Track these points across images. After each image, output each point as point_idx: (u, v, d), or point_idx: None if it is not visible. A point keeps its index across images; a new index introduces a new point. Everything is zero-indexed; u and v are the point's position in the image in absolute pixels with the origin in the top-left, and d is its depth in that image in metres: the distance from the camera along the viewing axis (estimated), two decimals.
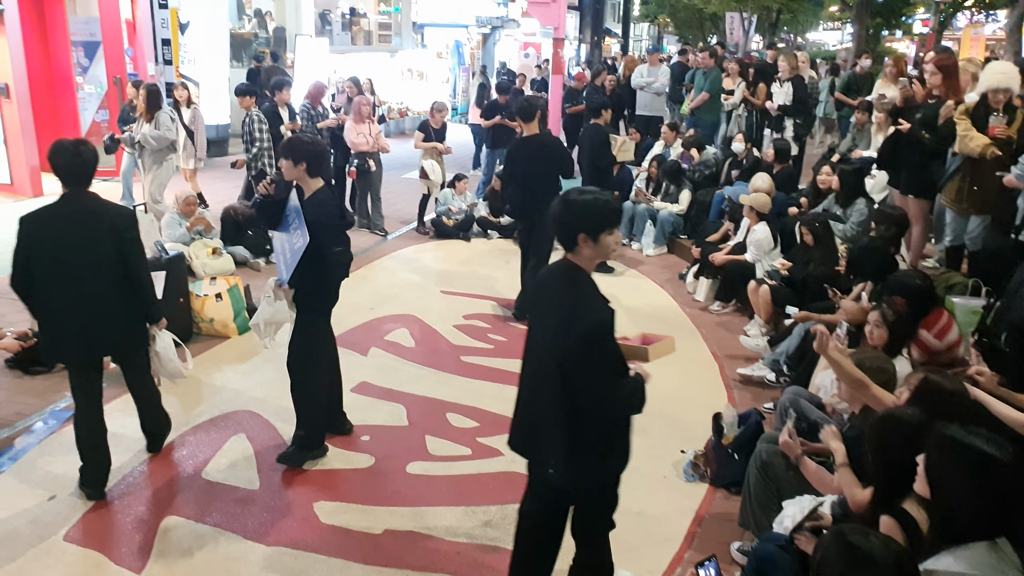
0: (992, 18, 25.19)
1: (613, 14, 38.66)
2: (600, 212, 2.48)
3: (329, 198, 3.88)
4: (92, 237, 3.41)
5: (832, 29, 43.15)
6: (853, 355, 3.40)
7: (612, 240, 2.52)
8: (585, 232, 2.47)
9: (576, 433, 2.53)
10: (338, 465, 3.96)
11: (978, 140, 4.95)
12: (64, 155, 3.43)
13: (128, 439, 4.08)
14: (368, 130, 8.05)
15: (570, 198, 2.54)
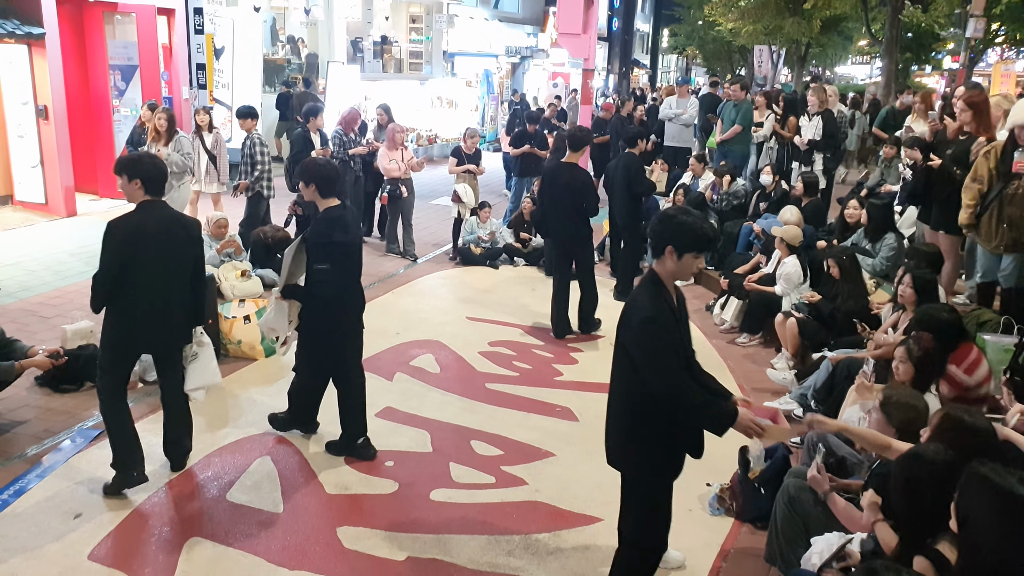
0: (1022, 55, 25.01)
1: (642, 45, 39.00)
2: (693, 233, 2.70)
3: (331, 217, 4.06)
4: (178, 242, 3.73)
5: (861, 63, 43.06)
6: (883, 390, 3.36)
7: (695, 263, 2.74)
8: (673, 246, 2.69)
9: (634, 417, 2.81)
10: (362, 490, 3.96)
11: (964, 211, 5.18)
12: (148, 164, 3.71)
13: (154, 459, 4.11)
14: (400, 156, 8.16)
15: (670, 214, 2.79)
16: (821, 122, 8.44)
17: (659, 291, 2.76)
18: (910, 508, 2.41)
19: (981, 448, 2.50)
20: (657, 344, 2.67)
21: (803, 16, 21.15)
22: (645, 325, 2.67)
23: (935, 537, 2.26)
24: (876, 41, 19.56)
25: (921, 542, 2.30)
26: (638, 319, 2.69)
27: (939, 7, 19.80)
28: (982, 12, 15.14)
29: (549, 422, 4.81)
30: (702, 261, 2.82)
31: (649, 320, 2.67)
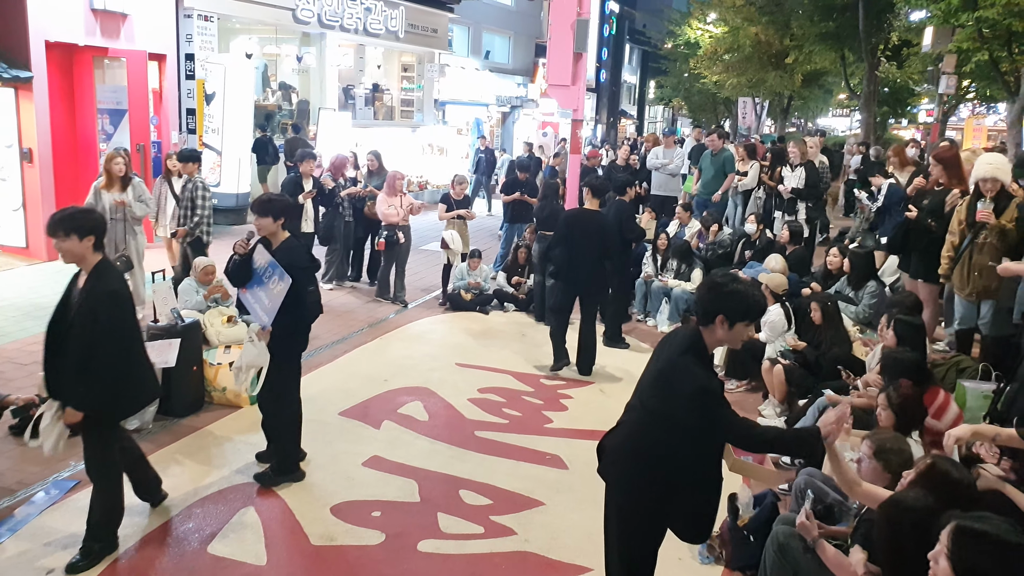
0: (993, 110, 25.76)
1: (629, 96, 39.77)
2: (745, 303, 2.68)
3: (298, 244, 4.48)
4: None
5: (841, 115, 44.11)
6: (870, 435, 3.37)
7: (746, 331, 2.72)
8: (724, 315, 2.66)
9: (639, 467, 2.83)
10: (348, 541, 3.90)
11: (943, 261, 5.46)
12: (96, 217, 3.66)
13: (132, 512, 4.03)
14: (399, 202, 8.23)
15: (720, 282, 2.76)
16: (804, 172, 8.64)
17: (701, 359, 2.72)
18: (894, 556, 2.42)
19: (962, 500, 2.53)
20: (717, 411, 2.64)
21: (785, 70, 21.72)
22: (696, 396, 2.62)
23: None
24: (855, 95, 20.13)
25: None
26: (691, 389, 2.63)
27: (913, 64, 20.45)
28: (953, 70, 15.62)
29: (539, 470, 4.78)
30: (752, 330, 2.79)
31: (701, 391, 2.62)
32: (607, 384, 6.35)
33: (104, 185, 6.95)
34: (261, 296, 4.24)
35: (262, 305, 4.21)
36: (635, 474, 2.88)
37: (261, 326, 4.23)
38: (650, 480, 2.82)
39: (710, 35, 25.59)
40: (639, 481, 2.87)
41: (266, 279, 4.21)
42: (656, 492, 2.82)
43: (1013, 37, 13.29)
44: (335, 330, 7.35)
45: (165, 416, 5.18)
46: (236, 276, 4.37)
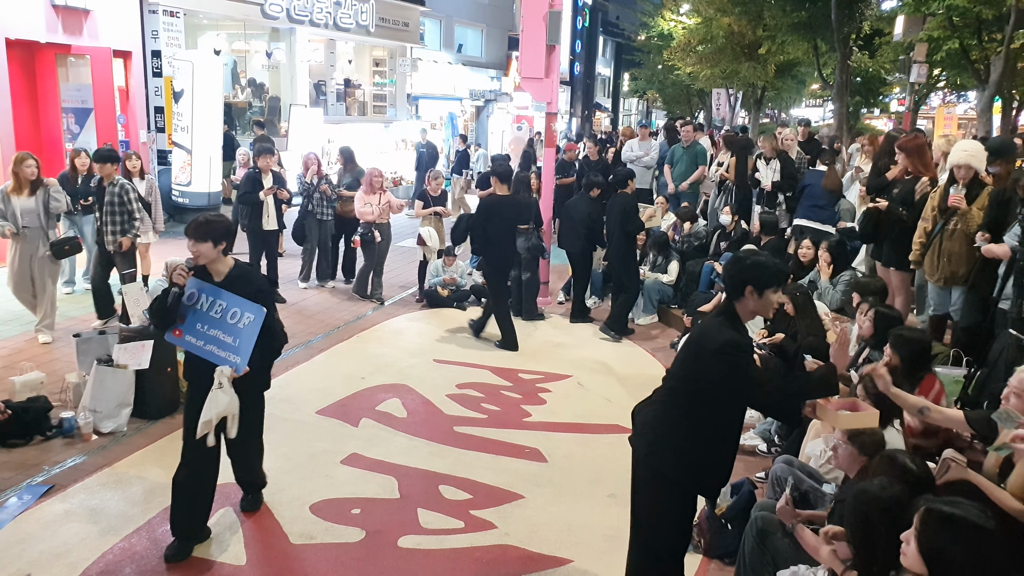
0: (963, 98, 26.15)
1: (603, 89, 39.85)
2: (768, 270, 2.83)
3: (250, 267, 3.93)
4: None
5: (815, 106, 44.52)
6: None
7: (775, 298, 2.86)
8: (753, 285, 2.80)
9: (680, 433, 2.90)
10: (328, 539, 3.88)
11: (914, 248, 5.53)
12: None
13: (109, 514, 4.00)
14: (377, 200, 8.16)
15: (742, 256, 2.96)
16: (779, 164, 8.56)
17: (734, 324, 2.84)
18: (866, 543, 2.46)
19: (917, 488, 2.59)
20: (745, 365, 2.75)
21: (758, 61, 21.88)
22: (724, 348, 2.74)
23: (897, 571, 2.29)
24: (828, 85, 20.33)
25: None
26: (715, 344, 2.76)
27: (885, 54, 20.70)
28: (924, 58, 15.82)
29: (518, 464, 4.79)
30: (781, 295, 2.93)
31: (729, 342, 2.74)
32: (586, 376, 6.37)
33: (12, 189, 6.34)
34: (219, 336, 3.58)
35: (226, 346, 3.57)
36: (660, 440, 2.97)
37: (234, 368, 3.56)
38: (674, 444, 2.91)
39: (683, 26, 25.69)
40: (664, 446, 2.95)
41: (224, 315, 3.58)
42: (681, 456, 2.90)
43: (983, 25, 13.50)
44: (311, 329, 7.30)
45: (140, 419, 5.11)
46: (168, 316, 3.64)
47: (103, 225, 6.69)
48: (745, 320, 2.89)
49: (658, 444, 2.97)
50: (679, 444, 2.91)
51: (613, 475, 4.60)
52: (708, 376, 2.80)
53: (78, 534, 3.82)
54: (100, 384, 4.93)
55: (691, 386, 2.89)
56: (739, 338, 2.78)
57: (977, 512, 2.09)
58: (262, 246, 8.13)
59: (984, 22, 13.43)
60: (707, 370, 2.80)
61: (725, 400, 2.85)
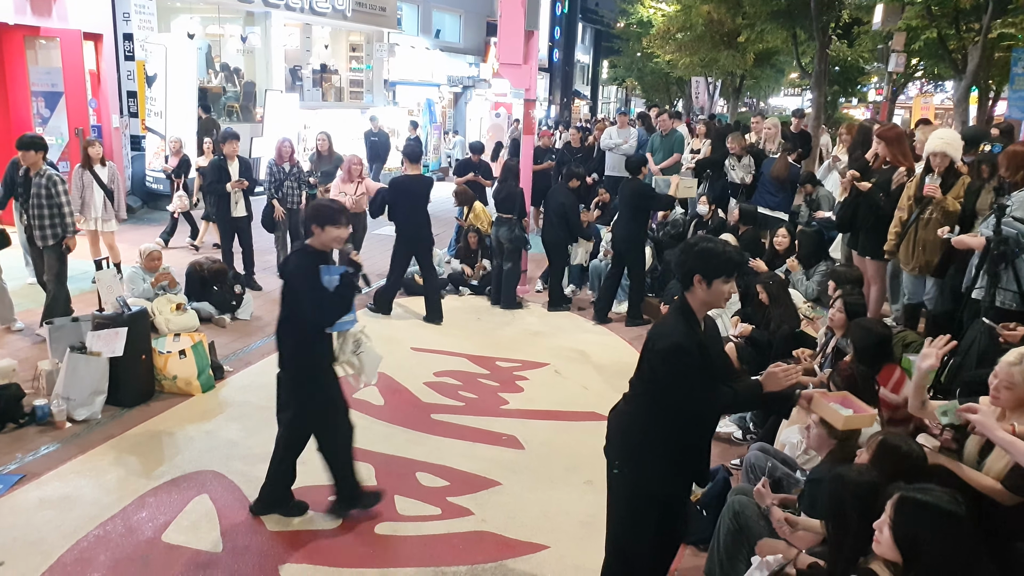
0: (940, 88, 26.43)
1: (582, 77, 39.78)
2: (718, 259, 2.68)
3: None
4: None
5: (793, 95, 44.77)
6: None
7: (726, 288, 2.72)
8: (700, 274, 2.68)
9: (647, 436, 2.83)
10: (305, 526, 3.88)
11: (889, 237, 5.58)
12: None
13: (84, 502, 3.96)
14: (354, 189, 8.05)
15: (691, 243, 2.80)
16: (751, 160, 8.49)
17: (687, 319, 2.77)
18: (838, 528, 2.50)
19: (912, 472, 2.61)
20: (681, 368, 2.66)
21: (737, 49, 21.90)
22: (670, 352, 2.67)
23: (866, 557, 2.33)
24: (806, 74, 20.37)
25: (853, 561, 2.37)
26: (662, 346, 2.70)
27: (863, 43, 20.82)
28: (902, 48, 15.95)
29: (495, 451, 4.80)
30: (733, 286, 2.79)
31: (674, 347, 2.67)
32: (563, 364, 6.40)
33: None
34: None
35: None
36: (625, 445, 2.92)
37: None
38: (638, 448, 2.87)
39: (662, 14, 25.65)
40: (629, 451, 2.90)
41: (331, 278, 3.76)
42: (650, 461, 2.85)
43: (960, 14, 13.60)
44: None
45: (114, 406, 5.06)
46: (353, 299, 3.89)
47: (31, 220, 6.20)
48: (699, 313, 2.79)
49: (628, 451, 2.91)
50: (647, 449, 2.85)
51: (590, 462, 4.63)
52: (656, 377, 2.75)
53: (52, 522, 3.78)
54: (73, 372, 4.87)
55: (647, 387, 2.84)
56: (684, 341, 2.68)
57: (949, 499, 2.12)
58: (233, 233, 8.00)
59: (962, 11, 13.53)
60: (656, 371, 2.75)
61: (678, 401, 2.77)
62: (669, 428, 2.80)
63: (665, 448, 2.83)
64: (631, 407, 2.96)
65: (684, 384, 2.68)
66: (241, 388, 5.57)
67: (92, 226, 7.75)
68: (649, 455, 2.85)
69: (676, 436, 2.82)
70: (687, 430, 2.84)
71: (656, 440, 2.83)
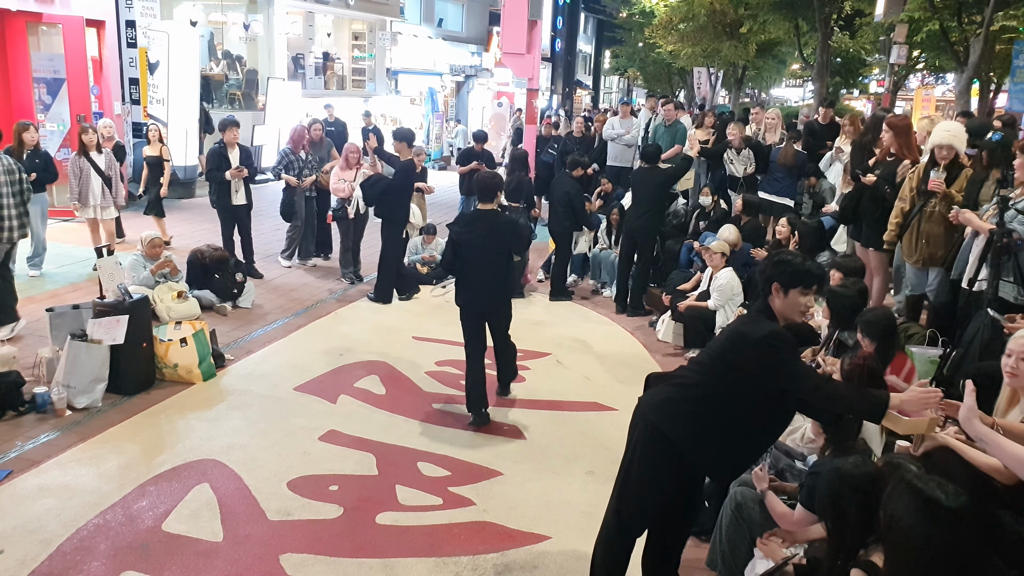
0: (941, 80, 26.33)
1: (584, 66, 39.61)
2: (794, 269, 2.78)
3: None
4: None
5: (795, 86, 44.62)
6: None
7: (803, 300, 2.79)
8: (779, 283, 2.78)
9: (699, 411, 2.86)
10: (305, 516, 3.87)
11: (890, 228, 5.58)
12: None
13: (84, 490, 3.95)
14: (353, 176, 8.02)
15: (773, 254, 2.96)
16: (752, 153, 8.17)
17: (771, 318, 2.82)
18: (836, 520, 2.49)
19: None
20: (790, 356, 2.70)
21: (740, 40, 21.81)
22: (766, 339, 2.69)
23: (866, 548, 2.32)
24: (808, 65, 20.31)
25: (853, 553, 2.36)
26: (757, 335, 2.71)
27: (865, 34, 20.74)
28: (904, 40, 15.87)
29: (497, 441, 4.80)
30: (811, 299, 2.83)
31: (772, 334, 2.69)
32: (565, 354, 6.39)
33: None
34: None
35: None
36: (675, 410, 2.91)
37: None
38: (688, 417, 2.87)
39: (665, 4, 25.52)
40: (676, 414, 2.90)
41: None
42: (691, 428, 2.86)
43: (963, 7, 13.52)
44: (288, 306, 7.25)
45: (115, 394, 5.06)
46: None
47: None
48: (780, 320, 2.83)
49: (670, 410, 2.91)
50: (694, 419, 2.86)
51: (591, 452, 4.63)
52: (746, 365, 2.75)
53: (52, 510, 3.77)
54: (74, 359, 4.85)
55: (724, 373, 2.83)
56: (780, 330, 2.73)
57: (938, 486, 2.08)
58: (233, 221, 7.95)
59: (964, 4, 13.46)
60: (747, 359, 2.75)
61: (756, 392, 2.78)
62: (724, 412, 2.83)
63: (709, 424, 2.84)
64: (686, 382, 2.93)
65: (786, 368, 2.69)
66: (242, 377, 5.57)
67: (91, 214, 7.72)
68: (688, 421, 2.86)
69: (723, 421, 2.83)
70: (739, 422, 2.84)
71: (703, 415, 2.85)
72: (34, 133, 7.33)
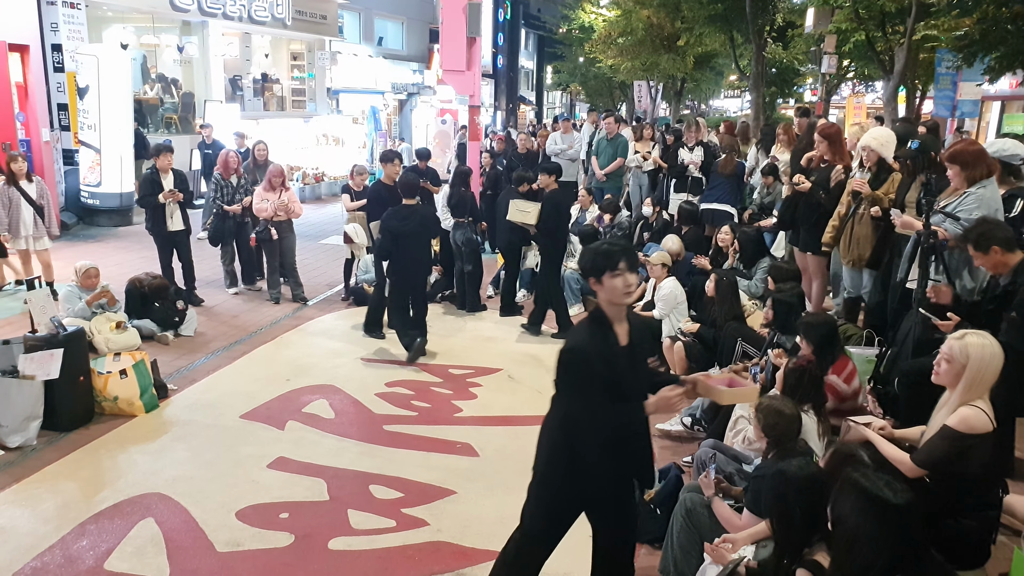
0: (871, 88, 27.35)
1: (527, 82, 39.98)
2: (597, 256, 2.73)
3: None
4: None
5: (733, 97, 45.75)
6: (762, 399, 3.51)
7: (618, 282, 2.69)
8: (592, 276, 2.75)
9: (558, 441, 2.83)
10: (256, 545, 3.78)
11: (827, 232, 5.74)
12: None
13: (19, 533, 3.80)
14: (278, 196, 7.90)
15: (586, 248, 2.90)
16: (702, 151, 8.91)
17: (598, 324, 2.77)
18: (781, 522, 2.54)
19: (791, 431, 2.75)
20: (573, 372, 2.70)
21: (678, 53, 22.30)
22: (564, 355, 2.71)
23: (810, 548, 2.38)
24: (744, 76, 20.87)
25: (797, 553, 2.42)
26: (562, 349, 2.74)
27: (797, 45, 21.44)
28: (834, 50, 16.45)
29: (450, 460, 4.77)
30: (627, 277, 2.73)
31: (569, 350, 2.70)
32: (516, 369, 6.39)
33: None
34: None
35: None
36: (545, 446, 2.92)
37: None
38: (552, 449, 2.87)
39: (603, 19, 25.97)
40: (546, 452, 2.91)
41: None
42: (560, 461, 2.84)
43: (887, 17, 14.10)
44: (230, 333, 7.10)
45: (50, 431, 4.87)
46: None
47: None
48: (611, 315, 2.77)
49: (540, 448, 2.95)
50: (552, 447, 2.88)
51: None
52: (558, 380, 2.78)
53: None
54: (4, 397, 4.66)
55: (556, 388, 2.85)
56: (583, 345, 2.69)
57: (885, 484, 2.16)
58: (170, 247, 7.70)
59: (888, 15, 14.03)
60: (558, 374, 2.77)
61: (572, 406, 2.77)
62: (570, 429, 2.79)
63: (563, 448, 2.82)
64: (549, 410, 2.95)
65: (580, 392, 2.69)
66: (187, 407, 5.43)
67: (23, 244, 7.45)
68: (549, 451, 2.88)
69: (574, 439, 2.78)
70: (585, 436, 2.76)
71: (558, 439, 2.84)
72: None
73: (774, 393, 3.86)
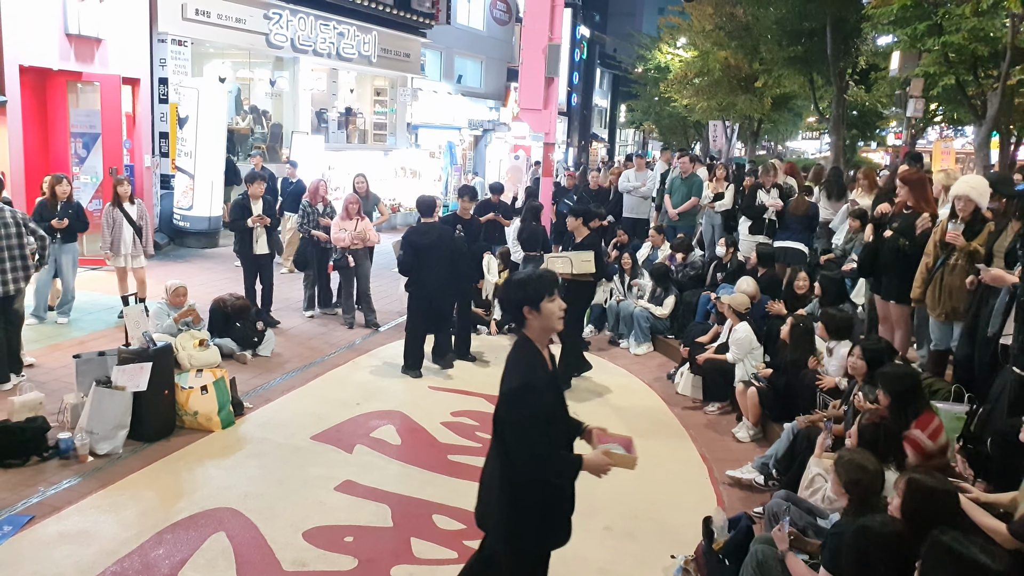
0: (961, 133, 26.35)
1: (600, 120, 40.22)
2: (532, 283, 2.70)
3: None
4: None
5: (811, 138, 44.84)
6: (839, 452, 3.41)
7: (554, 306, 2.69)
8: (527, 304, 2.68)
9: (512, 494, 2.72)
10: (320, 567, 3.85)
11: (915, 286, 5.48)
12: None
13: (103, 537, 3.97)
14: (354, 226, 8.17)
15: (510, 280, 2.79)
16: (779, 193, 8.73)
17: (533, 354, 2.72)
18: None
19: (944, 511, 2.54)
20: (527, 411, 2.61)
21: (755, 94, 22.06)
22: (517, 392, 2.64)
23: None
24: (824, 118, 20.45)
25: None
26: (509, 385, 2.66)
27: (881, 88, 20.89)
28: (920, 93, 15.97)
29: None
30: (559, 300, 2.73)
31: (523, 387, 2.63)
32: (581, 406, 6.36)
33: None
34: None
35: None
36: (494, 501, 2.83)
37: None
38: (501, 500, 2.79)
39: (680, 59, 25.98)
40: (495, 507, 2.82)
41: None
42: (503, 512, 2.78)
43: (978, 61, 13.61)
44: (305, 355, 7.30)
45: (136, 441, 5.09)
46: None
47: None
48: (541, 344, 2.74)
49: (488, 502, 2.85)
50: (501, 498, 2.77)
51: (608, 507, 4.58)
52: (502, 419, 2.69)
53: (70, 556, 3.78)
54: (98, 405, 4.92)
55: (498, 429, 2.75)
56: (533, 380, 2.64)
57: (982, 550, 2.06)
58: (255, 270, 8.07)
59: (980, 59, 13.56)
60: (501, 414, 2.69)
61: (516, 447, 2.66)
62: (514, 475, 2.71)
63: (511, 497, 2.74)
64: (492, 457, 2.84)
65: (524, 429, 2.61)
66: (261, 425, 5.60)
67: (122, 262, 7.90)
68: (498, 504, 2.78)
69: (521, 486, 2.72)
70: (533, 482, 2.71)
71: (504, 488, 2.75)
72: (66, 186, 7.54)
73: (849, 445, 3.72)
